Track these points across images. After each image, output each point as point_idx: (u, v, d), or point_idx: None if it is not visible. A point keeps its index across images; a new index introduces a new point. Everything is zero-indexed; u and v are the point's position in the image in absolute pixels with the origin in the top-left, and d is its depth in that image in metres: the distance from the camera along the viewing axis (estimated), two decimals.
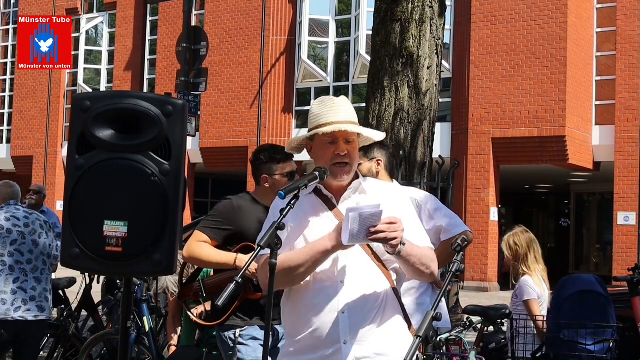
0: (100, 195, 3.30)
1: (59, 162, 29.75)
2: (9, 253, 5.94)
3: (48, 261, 6.18)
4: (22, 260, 5.99)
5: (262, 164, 4.90)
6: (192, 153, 25.52)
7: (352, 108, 3.37)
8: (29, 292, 5.96)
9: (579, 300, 5.99)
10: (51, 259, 6.24)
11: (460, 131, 22.27)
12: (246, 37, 25.66)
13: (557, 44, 20.91)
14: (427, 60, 7.15)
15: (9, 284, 5.90)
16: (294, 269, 3.14)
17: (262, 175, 4.89)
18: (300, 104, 25.27)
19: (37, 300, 6.00)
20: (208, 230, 4.79)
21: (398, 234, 3.05)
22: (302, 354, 3.27)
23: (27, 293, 5.96)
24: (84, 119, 3.32)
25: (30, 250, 6.04)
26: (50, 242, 6.22)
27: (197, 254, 4.74)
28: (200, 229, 4.83)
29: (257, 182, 4.99)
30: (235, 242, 4.77)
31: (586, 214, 29.65)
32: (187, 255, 4.80)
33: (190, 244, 4.79)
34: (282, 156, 4.87)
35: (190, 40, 14.92)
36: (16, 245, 5.98)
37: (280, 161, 4.87)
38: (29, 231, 6.08)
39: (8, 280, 5.90)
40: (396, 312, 3.29)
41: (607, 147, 21.81)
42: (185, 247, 4.81)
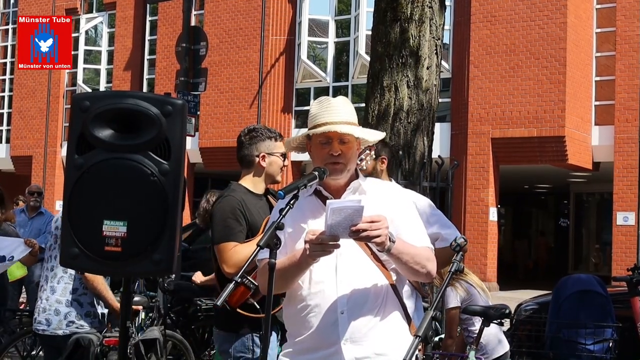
0: (100, 195, 3.30)
1: (58, 162, 29.75)
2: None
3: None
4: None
5: (260, 140, 4.64)
6: (191, 153, 25.52)
7: (350, 108, 3.37)
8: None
9: (579, 300, 6.00)
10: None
11: (459, 131, 22.28)
12: (246, 37, 25.66)
13: (557, 44, 20.91)
14: (426, 60, 7.15)
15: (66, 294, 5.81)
16: (281, 274, 3.12)
17: (261, 153, 4.62)
18: (300, 104, 25.27)
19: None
20: (232, 236, 4.40)
21: (381, 232, 3.02)
22: (302, 354, 3.28)
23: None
24: (83, 118, 3.31)
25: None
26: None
27: (243, 257, 4.22)
28: (222, 239, 4.42)
29: (249, 163, 4.68)
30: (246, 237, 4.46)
31: (585, 214, 29.66)
32: (234, 269, 4.24)
33: (228, 259, 4.35)
34: (279, 135, 4.69)
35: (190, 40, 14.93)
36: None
37: (277, 139, 4.67)
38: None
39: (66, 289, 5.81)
40: (396, 311, 3.29)
41: (606, 147, 21.82)
42: (224, 265, 4.37)
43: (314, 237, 3.03)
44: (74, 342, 5.66)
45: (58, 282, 5.77)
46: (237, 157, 4.75)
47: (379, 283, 3.25)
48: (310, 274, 3.24)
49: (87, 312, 5.79)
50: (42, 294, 5.85)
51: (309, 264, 3.14)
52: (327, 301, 3.21)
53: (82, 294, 5.78)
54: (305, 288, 3.26)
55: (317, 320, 3.22)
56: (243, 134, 4.75)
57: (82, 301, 5.78)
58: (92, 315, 5.83)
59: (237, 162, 4.77)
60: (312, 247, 3.04)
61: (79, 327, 5.74)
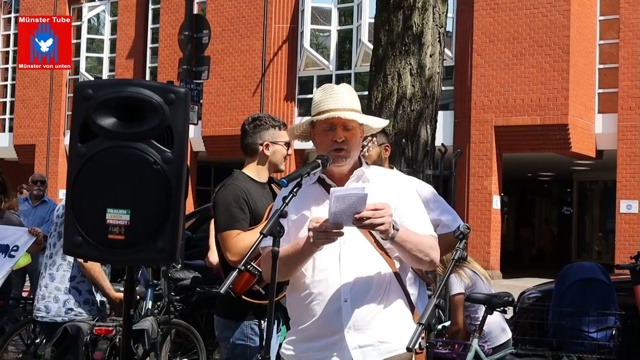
0: (103, 183, 3.30)
1: (62, 150, 29.77)
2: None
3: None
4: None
5: (264, 129, 4.63)
6: (194, 141, 25.50)
7: (354, 95, 3.37)
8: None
9: (582, 288, 6.00)
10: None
11: (462, 119, 22.25)
12: (248, 25, 25.61)
13: (560, 32, 20.86)
14: (429, 48, 7.13)
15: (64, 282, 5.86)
16: (284, 261, 3.12)
17: (265, 142, 4.62)
18: (303, 92, 25.24)
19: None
20: (236, 224, 4.37)
21: (385, 220, 3.02)
22: (305, 341, 3.29)
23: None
24: (86, 107, 3.31)
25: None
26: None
27: (247, 245, 4.18)
28: (227, 227, 4.38)
29: (253, 151, 4.67)
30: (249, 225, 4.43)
31: (589, 202, 29.64)
32: (238, 257, 4.22)
33: (232, 247, 4.34)
34: (283, 124, 4.67)
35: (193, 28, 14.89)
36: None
37: (281, 128, 4.65)
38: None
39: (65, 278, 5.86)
40: (399, 299, 3.29)
41: (609, 135, 21.78)
42: (228, 253, 4.36)
43: (317, 225, 3.03)
44: (62, 331, 5.69)
45: (57, 269, 5.81)
46: (240, 145, 4.74)
47: (383, 271, 3.25)
48: (313, 262, 3.24)
49: (85, 300, 5.84)
50: (41, 282, 5.89)
51: (312, 251, 3.14)
52: (330, 289, 3.21)
53: (81, 281, 5.83)
54: (309, 276, 3.26)
55: (321, 308, 3.22)
56: (247, 122, 4.74)
57: (80, 289, 5.83)
58: (90, 303, 5.87)
59: (241, 150, 4.75)
60: (316, 234, 3.04)
61: (77, 314, 5.77)
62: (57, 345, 5.70)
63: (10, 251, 6.57)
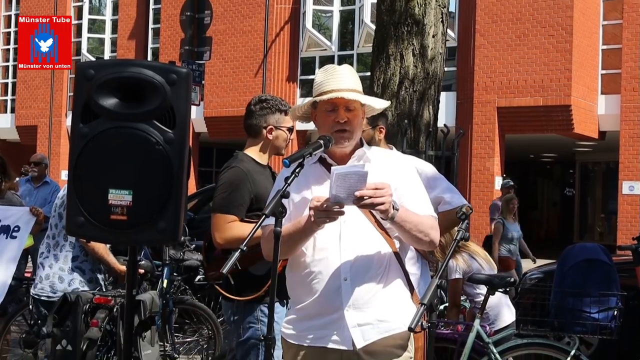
0: (105, 163, 3.31)
1: (64, 131, 29.74)
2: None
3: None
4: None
5: (270, 112, 4.61)
6: (196, 122, 25.47)
7: (355, 76, 3.36)
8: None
9: (584, 269, 6.00)
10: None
11: (465, 100, 22.20)
12: (250, 5, 25.52)
13: (563, 13, 20.76)
14: (432, 29, 7.10)
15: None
16: (285, 239, 3.12)
17: (268, 125, 4.61)
18: (305, 73, 25.18)
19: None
20: (234, 209, 4.38)
21: (385, 199, 3.03)
22: (305, 320, 3.30)
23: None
24: (88, 87, 3.31)
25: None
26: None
27: (236, 234, 4.24)
28: (223, 210, 4.39)
29: (256, 133, 4.65)
30: (250, 210, 4.43)
31: (591, 183, 29.63)
32: (225, 242, 4.32)
33: (223, 230, 4.35)
34: (289, 109, 4.59)
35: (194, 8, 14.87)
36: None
37: (286, 113, 4.62)
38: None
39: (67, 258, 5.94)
40: (399, 279, 3.31)
41: (612, 116, 21.73)
42: (217, 234, 4.37)
43: (318, 204, 3.04)
44: (62, 298, 5.75)
45: (60, 250, 5.87)
46: (243, 125, 4.73)
47: (382, 251, 3.26)
48: (314, 241, 3.25)
49: (89, 279, 5.96)
50: (44, 262, 5.95)
51: (313, 230, 3.15)
52: (330, 268, 3.22)
53: (84, 260, 5.94)
54: (309, 255, 3.27)
55: (321, 286, 3.23)
56: (254, 102, 4.72)
57: (84, 268, 5.94)
58: (94, 282, 5.99)
59: (243, 131, 4.74)
60: (317, 213, 3.04)
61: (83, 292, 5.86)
62: (57, 313, 5.77)
63: (12, 232, 6.57)
